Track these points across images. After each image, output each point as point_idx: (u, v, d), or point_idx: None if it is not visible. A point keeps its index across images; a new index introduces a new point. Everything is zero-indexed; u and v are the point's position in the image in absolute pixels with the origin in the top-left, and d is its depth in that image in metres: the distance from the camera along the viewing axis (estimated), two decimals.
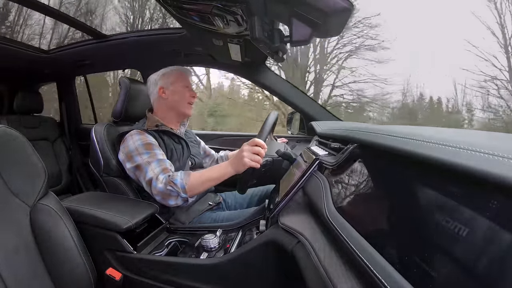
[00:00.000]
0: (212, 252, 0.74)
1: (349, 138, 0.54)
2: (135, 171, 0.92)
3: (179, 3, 0.65)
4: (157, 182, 0.86)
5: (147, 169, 0.88)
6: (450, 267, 0.22)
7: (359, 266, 0.30)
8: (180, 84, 1.04)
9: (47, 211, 0.66)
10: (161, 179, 0.86)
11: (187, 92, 1.04)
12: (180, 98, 1.04)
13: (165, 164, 0.90)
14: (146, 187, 0.90)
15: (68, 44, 1.54)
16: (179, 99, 1.04)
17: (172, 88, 1.03)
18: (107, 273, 0.76)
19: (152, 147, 0.92)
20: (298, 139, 1.44)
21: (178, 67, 1.08)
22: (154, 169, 0.88)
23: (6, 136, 0.63)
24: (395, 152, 0.33)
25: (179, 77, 1.05)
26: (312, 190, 0.56)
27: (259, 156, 0.81)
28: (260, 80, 1.42)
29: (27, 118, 1.77)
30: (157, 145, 0.95)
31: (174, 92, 1.03)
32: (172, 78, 1.04)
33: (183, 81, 1.05)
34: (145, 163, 0.89)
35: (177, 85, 1.04)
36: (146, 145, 0.92)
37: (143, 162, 0.89)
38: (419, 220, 0.28)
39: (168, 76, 1.04)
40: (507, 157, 0.21)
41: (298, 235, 0.50)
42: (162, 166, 0.89)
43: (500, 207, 0.20)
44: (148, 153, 0.90)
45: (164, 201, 0.88)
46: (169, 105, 1.04)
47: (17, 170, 0.64)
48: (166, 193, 0.86)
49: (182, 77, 1.05)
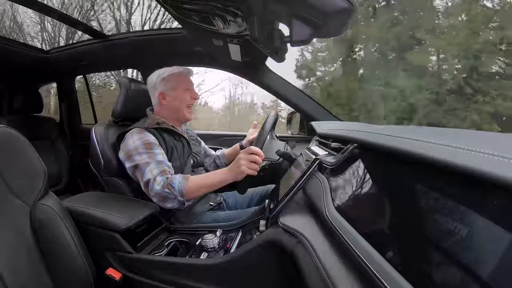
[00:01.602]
0: (212, 252, 0.74)
1: (349, 138, 0.54)
2: (134, 171, 0.92)
3: (179, 3, 0.65)
4: (154, 184, 0.85)
5: (145, 170, 0.88)
6: (450, 267, 0.22)
7: (359, 266, 0.30)
8: (181, 88, 1.02)
9: (47, 211, 0.66)
10: (159, 181, 0.86)
11: (188, 95, 1.03)
12: (181, 103, 1.02)
13: (163, 166, 0.90)
14: (144, 188, 0.89)
15: (68, 44, 1.55)
16: (180, 104, 1.02)
17: (173, 94, 1.01)
18: (107, 273, 0.76)
19: (152, 147, 0.92)
20: (298, 139, 1.44)
21: (177, 68, 1.05)
22: (152, 170, 0.87)
23: (6, 136, 0.63)
24: (395, 152, 0.33)
25: (180, 82, 1.02)
26: (312, 190, 0.56)
27: (256, 164, 0.81)
28: (260, 80, 1.42)
29: (27, 118, 1.77)
30: (157, 144, 0.94)
31: (175, 98, 1.02)
32: (173, 83, 1.02)
33: (183, 85, 1.02)
34: (144, 164, 0.88)
35: (178, 90, 1.02)
36: (146, 145, 0.91)
37: (141, 162, 0.89)
38: (419, 220, 0.28)
39: (168, 80, 1.02)
40: (507, 157, 0.21)
41: (298, 235, 0.50)
42: (160, 168, 0.88)
43: (500, 207, 0.20)
44: (147, 153, 0.90)
45: (161, 203, 0.87)
46: (170, 110, 1.03)
47: (17, 170, 0.64)
48: (163, 196, 0.85)
49: (183, 80, 1.03)
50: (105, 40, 1.38)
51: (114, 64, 1.82)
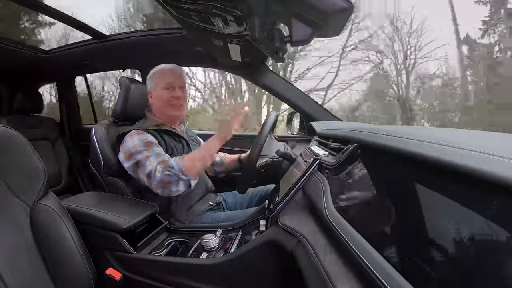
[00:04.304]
0: (212, 252, 0.74)
1: (349, 138, 0.54)
2: (135, 168, 0.91)
3: (179, 3, 0.65)
4: (155, 173, 0.86)
5: (146, 164, 0.89)
6: (449, 266, 0.22)
7: (359, 266, 0.30)
8: (160, 86, 1.01)
9: (47, 211, 0.66)
10: (159, 169, 0.87)
11: (165, 94, 1.00)
12: (161, 101, 1.01)
13: (162, 157, 0.91)
14: (147, 181, 0.89)
15: (68, 44, 1.54)
16: (161, 102, 1.01)
17: (155, 92, 1.02)
18: (107, 273, 0.76)
19: (151, 145, 0.92)
20: (298, 139, 1.44)
21: (163, 66, 1.04)
22: (152, 162, 0.88)
23: (6, 136, 0.63)
24: (395, 152, 0.33)
25: (159, 79, 1.01)
26: (312, 190, 0.56)
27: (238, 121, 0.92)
28: (260, 80, 1.42)
29: (27, 118, 1.77)
30: (156, 143, 0.95)
31: (156, 96, 1.02)
32: (155, 80, 1.01)
33: (162, 82, 1.00)
34: (144, 158, 0.89)
35: (158, 88, 1.01)
36: (145, 143, 0.92)
37: (142, 158, 0.89)
38: (419, 220, 0.28)
39: (153, 78, 1.02)
40: (507, 157, 0.21)
41: (298, 235, 0.50)
42: (159, 159, 0.89)
43: (500, 207, 0.20)
44: (147, 150, 0.91)
45: (166, 190, 0.87)
46: (157, 109, 1.04)
47: (17, 170, 0.64)
48: (165, 181, 0.86)
49: (162, 78, 1.01)
50: (105, 40, 1.38)
51: (114, 64, 1.82)
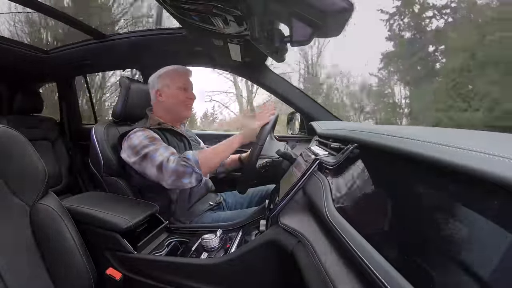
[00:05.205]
0: (212, 252, 0.74)
1: (349, 138, 0.54)
2: (142, 162, 0.90)
3: (179, 3, 0.65)
4: (168, 163, 0.86)
5: (155, 155, 0.88)
6: (450, 266, 0.22)
7: (359, 266, 0.30)
8: (175, 85, 1.02)
9: (47, 211, 0.66)
10: (172, 159, 0.86)
11: (181, 94, 1.03)
12: (176, 100, 1.02)
13: (172, 149, 0.91)
14: (157, 173, 0.87)
15: (68, 44, 1.54)
16: (176, 102, 1.02)
17: (168, 91, 1.02)
18: (107, 273, 0.76)
19: (157, 140, 0.93)
20: (298, 139, 1.44)
21: (176, 67, 1.06)
22: (162, 153, 0.88)
23: (6, 136, 0.63)
24: (395, 152, 0.33)
25: (174, 79, 1.03)
26: (312, 190, 0.56)
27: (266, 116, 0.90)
28: (260, 80, 1.42)
29: (27, 118, 1.77)
30: (160, 139, 0.95)
31: (170, 95, 1.02)
32: (168, 80, 1.03)
33: (178, 82, 1.03)
34: (153, 151, 0.89)
35: (172, 87, 1.02)
36: (151, 138, 0.92)
37: (150, 151, 0.89)
38: (419, 220, 0.28)
39: (164, 78, 1.03)
40: (507, 157, 0.21)
41: (298, 235, 0.50)
42: (170, 150, 0.90)
43: (500, 207, 0.20)
44: (153, 144, 0.91)
45: (178, 182, 0.86)
46: (167, 108, 1.04)
47: (17, 170, 0.64)
48: (180, 171, 0.85)
49: (177, 78, 1.03)
50: (105, 40, 1.38)
51: (114, 64, 1.82)
